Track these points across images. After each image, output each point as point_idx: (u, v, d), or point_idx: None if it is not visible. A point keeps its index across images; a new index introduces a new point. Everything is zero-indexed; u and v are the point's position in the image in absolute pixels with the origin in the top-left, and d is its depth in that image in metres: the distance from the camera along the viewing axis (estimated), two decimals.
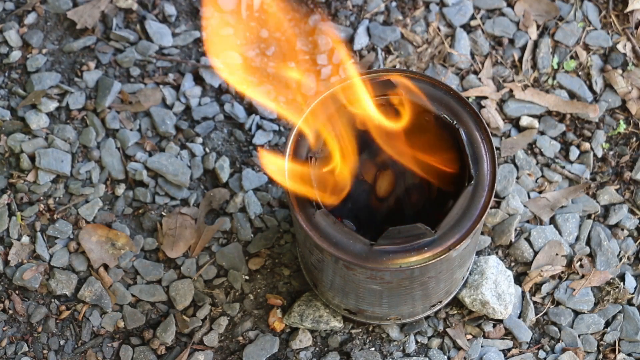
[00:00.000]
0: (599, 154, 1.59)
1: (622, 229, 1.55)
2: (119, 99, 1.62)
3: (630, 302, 1.51)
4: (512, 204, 1.54)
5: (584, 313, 1.51)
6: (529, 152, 1.59)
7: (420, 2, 1.68)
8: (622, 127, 1.61)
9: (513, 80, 1.63)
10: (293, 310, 1.49)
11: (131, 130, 1.60)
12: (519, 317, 1.50)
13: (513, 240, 1.54)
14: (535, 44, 1.66)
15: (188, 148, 1.59)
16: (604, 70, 1.64)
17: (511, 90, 1.62)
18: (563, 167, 1.58)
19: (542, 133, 1.60)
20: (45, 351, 1.49)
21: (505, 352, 1.49)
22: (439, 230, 1.21)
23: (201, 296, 1.51)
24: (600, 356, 1.49)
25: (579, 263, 1.52)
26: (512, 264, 1.53)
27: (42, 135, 1.59)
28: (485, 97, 1.62)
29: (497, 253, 1.54)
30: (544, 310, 1.50)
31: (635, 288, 1.52)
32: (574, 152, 1.59)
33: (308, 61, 1.64)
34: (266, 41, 1.66)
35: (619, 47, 1.65)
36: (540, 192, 1.57)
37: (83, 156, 1.59)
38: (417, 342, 1.49)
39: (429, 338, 1.49)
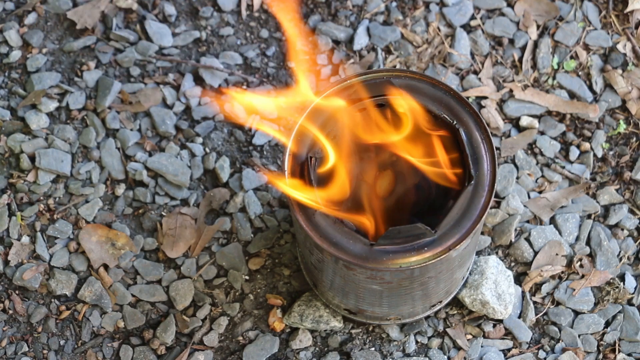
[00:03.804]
0: (599, 154, 1.59)
1: (622, 229, 1.55)
2: (119, 99, 1.62)
3: (630, 302, 1.51)
4: (512, 204, 1.54)
5: (584, 313, 1.51)
6: (529, 152, 1.59)
7: (420, 2, 1.68)
8: (622, 127, 1.61)
9: (513, 80, 1.63)
10: (293, 310, 1.49)
11: (131, 130, 1.60)
12: (519, 317, 1.50)
13: (513, 240, 1.54)
14: (535, 44, 1.66)
15: (188, 148, 1.59)
16: (604, 70, 1.64)
17: (511, 90, 1.62)
18: (563, 167, 1.58)
19: (542, 133, 1.60)
20: (45, 351, 1.49)
21: (505, 352, 1.49)
22: (439, 230, 1.21)
23: (201, 296, 1.51)
24: (600, 356, 1.49)
25: (579, 263, 1.52)
26: (512, 264, 1.53)
27: (42, 135, 1.59)
28: (485, 97, 1.62)
29: (497, 253, 1.54)
30: (544, 310, 1.50)
31: (635, 288, 1.52)
32: (574, 152, 1.59)
33: (308, 61, 1.64)
34: (266, 41, 1.66)
35: (619, 47, 1.65)
36: (540, 192, 1.57)
37: (83, 156, 1.59)
38: (417, 342, 1.49)
39: (429, 338, 1.49)
